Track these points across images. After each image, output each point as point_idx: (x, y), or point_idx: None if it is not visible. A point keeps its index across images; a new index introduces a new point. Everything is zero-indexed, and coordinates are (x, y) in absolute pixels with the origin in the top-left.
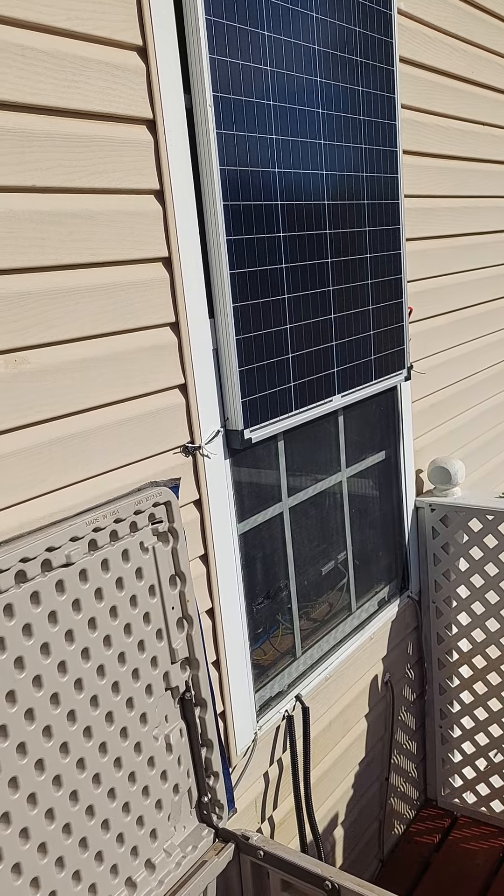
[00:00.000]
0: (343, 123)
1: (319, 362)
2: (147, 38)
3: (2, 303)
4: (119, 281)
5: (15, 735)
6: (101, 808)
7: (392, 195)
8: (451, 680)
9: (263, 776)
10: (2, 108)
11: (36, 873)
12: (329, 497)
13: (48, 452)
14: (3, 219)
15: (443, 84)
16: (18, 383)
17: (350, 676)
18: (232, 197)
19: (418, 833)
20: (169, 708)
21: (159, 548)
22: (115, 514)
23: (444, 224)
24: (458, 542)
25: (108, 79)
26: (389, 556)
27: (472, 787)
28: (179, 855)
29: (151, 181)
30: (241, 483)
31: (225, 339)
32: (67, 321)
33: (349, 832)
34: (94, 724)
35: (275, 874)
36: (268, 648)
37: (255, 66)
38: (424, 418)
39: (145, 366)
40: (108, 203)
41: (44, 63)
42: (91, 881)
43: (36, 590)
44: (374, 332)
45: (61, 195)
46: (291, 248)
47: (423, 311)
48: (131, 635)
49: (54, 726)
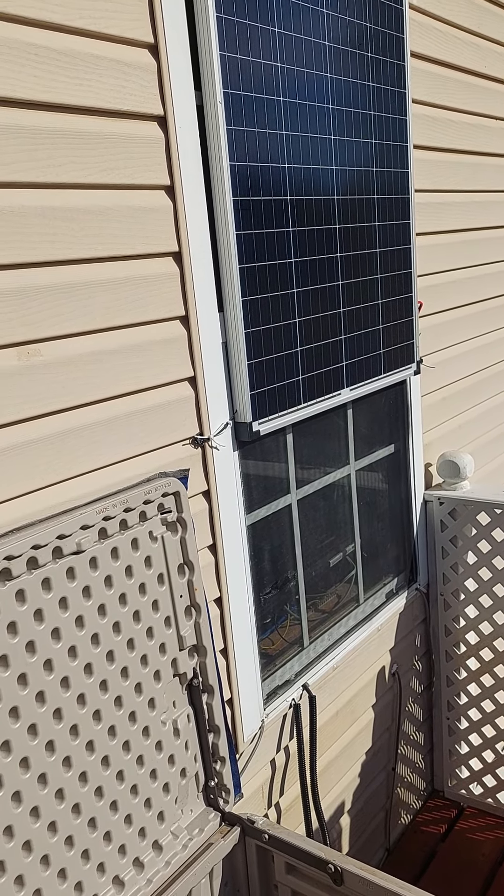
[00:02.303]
0: (353, 119)
1: (328, 356)
2: (158, 35)
3: (15, 296)
4: (130, 275)
5: (26, 717)
6: (109, 790)
7: (402, 190)
8: (459, 672)
9: (270, 763)
10: (15, 105)
11: (45, 851)
12: (337, 490)
13: (59, 443)
14: (16, 214)
15: (454, 78)
16: (31, 375)
17: (357, 667)
18: (242, 192)
19: (424, 823)
20: (177, 694)
21: (168, 537)
22: (124, 504)
23: (454, 218)
24: (467, 536)
25: (119, 76)
26: (398, 548)
27: (479, 778)
28: (186, 837)
29: (162, 177)
30: (250, 475)
31: (234, 332)
32: (79, 315)
33: (355, 821)
34: (103, 707)
35: (279, 857)
36: (275, 638)
37: (265, 63)
38: (434, 412)
39: (155, 359)
40: (119, 199)
41: (56, 61)
42: (99, 860)
43: (47, 576)
44: (383, 326)
45: (73, 191)
46: (301, 243)
47: (433, 305)
48: (140, 622)
49: (64, 709)
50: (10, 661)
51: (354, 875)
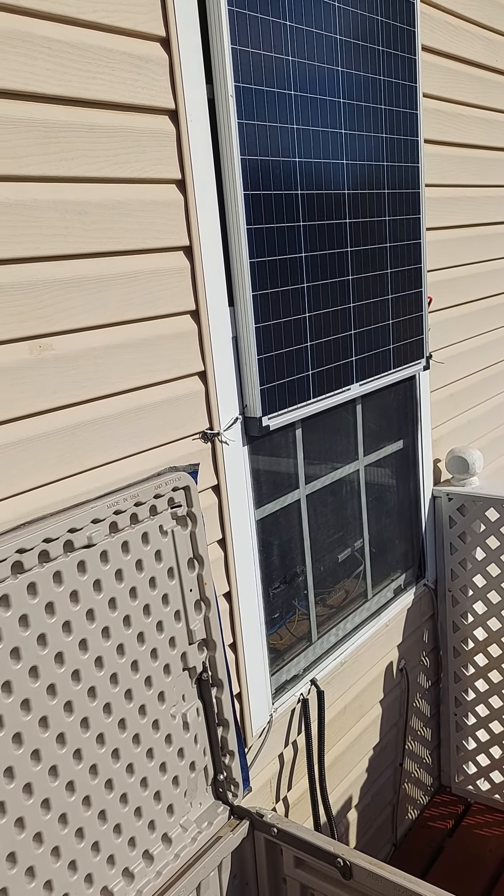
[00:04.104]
0: (364, 113)
1: (338, 351)
2: (170, 29)
3: (27, 290)
4: (141, 269)
5: (37, 710)
6: (119, 783)
7: (413, 184)
8: (467, 668)
9: (278, 757)
10: (29, 99)
11: (56, 843)
12: (346, 485)
13: (71, 437)
14: (28, 208)
15: (465, 72)
16: (42, 369)
17: (365, 662)
18: (253, 186)
19: (432, 818)
20: (186, 687)
21: (178, 531)
22: (135, 498)
23: (465, 213)
24: (475, 532)
25: (131, 70)
26: (406, 544)
27: (487, 774)
28: (195, 830)
29: (173, 171)
30: (259, 470)
31: (244, 327)
32: (90, 308)
33: (363, 815)
34: (113, 700)
35: (288, 851)
36: (284, 633)
37: (276, 56)
38: (443, 408)
39: (166, 353)
40: (130, 192)
41: (69, 55)
42: (109, 853)
43: (58, 569)
44: (393, 321)
45: (85, 185)
46: (311, 238)
47: (443, 300)
48: (150, 616)
49: (75, 702)
50: (22, 654)
51: (363, 869)
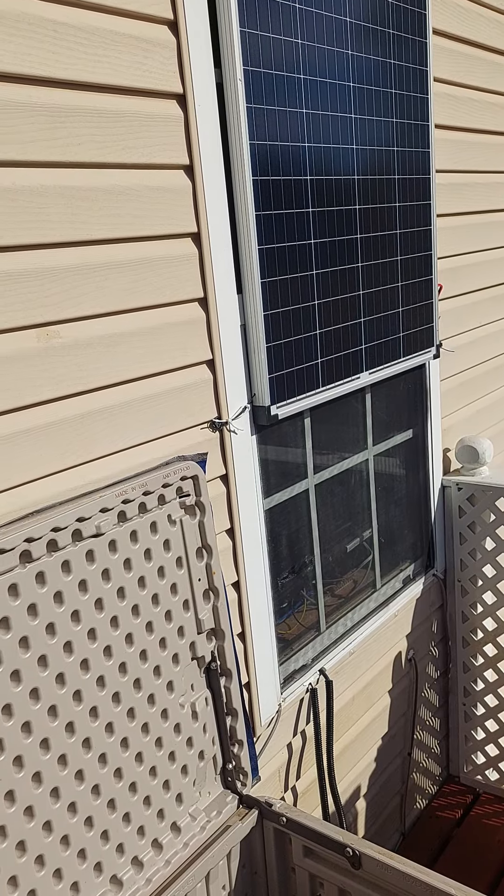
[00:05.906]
0: (374, 97)
1: (347, 339)
2: (178, 11)
3: (34, 277)
4: (148, 256)
5: (46, 699)
6: (128, 771)
7: (423, 170)
8: (476, 658)
9: (287, 746)
10: (34, 83)
11: (65, 831)
12: (355, 475)
13: (79, 425)
14: (35, 194)
15: (477, 56)
16: (50, 357)
17: (374, 652)
18: (261, 172)
19: (440, 808)
20: (195, 677)
21: (186, 520)
22: (143, 487)
23: (476, 200)
24: (485, 522)
25: (138, 53)
26: (415, 534)
27: (495, 764)
28: (204, 819)
29: (181, 156)
30: (268, 459)
31: (253, 314)
32: (98, 296)
33: (371, 805)
34: (122, 689)
35: (297, 840)
36: (292, 622)
37: (285, 40)
38: (453, 397)
39: (174, 341)
40: (137, 178)
41: (75, 38)
42: (119, 841)
43: (67, 558)
44: (402, 308)
45: (91, 170)
46: (320, 224)
47: (453, 288)
48: (159, 605)
49: (84, 691)
50: (31, 643)
51: (372, 859)
